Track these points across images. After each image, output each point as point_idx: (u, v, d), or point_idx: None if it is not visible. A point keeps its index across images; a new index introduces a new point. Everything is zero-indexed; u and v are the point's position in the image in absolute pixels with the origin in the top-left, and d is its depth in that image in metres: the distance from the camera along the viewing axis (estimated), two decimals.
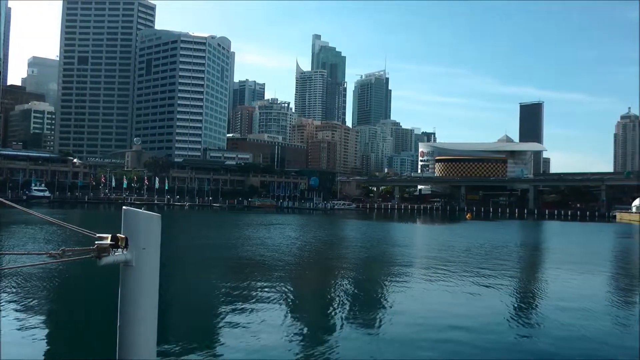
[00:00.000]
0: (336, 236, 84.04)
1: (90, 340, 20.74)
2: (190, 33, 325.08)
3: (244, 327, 22.65)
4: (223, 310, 26.31)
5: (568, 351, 20.72)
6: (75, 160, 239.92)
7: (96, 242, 3.78)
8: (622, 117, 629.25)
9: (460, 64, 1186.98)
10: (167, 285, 30.84)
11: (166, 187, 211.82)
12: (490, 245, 69.12)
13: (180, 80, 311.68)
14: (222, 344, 20.62)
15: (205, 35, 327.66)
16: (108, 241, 3.79)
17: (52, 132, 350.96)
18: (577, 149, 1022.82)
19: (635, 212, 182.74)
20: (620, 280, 44.00)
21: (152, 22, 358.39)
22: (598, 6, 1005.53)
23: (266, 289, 31.83)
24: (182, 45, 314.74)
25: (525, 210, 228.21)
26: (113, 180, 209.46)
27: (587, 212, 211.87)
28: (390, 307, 28.22)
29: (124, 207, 4.09)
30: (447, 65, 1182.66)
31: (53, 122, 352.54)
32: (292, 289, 34.01)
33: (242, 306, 26.92)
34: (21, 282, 30.12)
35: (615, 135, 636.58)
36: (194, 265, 43.78)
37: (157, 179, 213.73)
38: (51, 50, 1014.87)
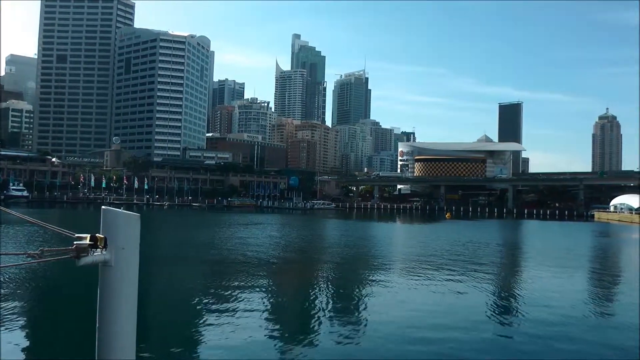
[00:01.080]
0: (316, 236, 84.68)
1: (69, 340, 20.93)
2: (170, 32, 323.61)
3: (224, 326, 23.06)
4: (203, 310, 26.78)
5: (547, 349, 21.29)
6: (53, 159, 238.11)
7: (75, 242, 3.73)
8: (600, 118, 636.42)
9: (440, 64, 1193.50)
10: (147, 285, 31.19)
11: (145, 187, 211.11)
12: (470, 244, 70.01)
13: (159, 79, 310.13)
14: (202, 343, 20.98)
15: (185, 34, 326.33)
16: (87, 241, 3.73)
17: (31, 131, 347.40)
18: (556, 149, 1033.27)
19: (613, 212, 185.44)
20: (600, 278, 45.04)
21: (132, 20, 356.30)
22: (576, 7, 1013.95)
23: (246, 289, 32.37)
24: (161, 44, 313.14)
25: (504, 210, 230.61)
26: (92, 179, 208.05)
27: (566, 212, 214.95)
28: (371, 307, 28.70)
29: (102, 206, 4.06)
30: (426, 65, 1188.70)
31: (31, 120, 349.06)
32: (272, 288, 34.58)
33: (222, 306, 27.47)
34: None
35: (594, 136, 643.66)
36: (174, 265, 44.09)
37: (136, 178, 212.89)
38: (29, 48, 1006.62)
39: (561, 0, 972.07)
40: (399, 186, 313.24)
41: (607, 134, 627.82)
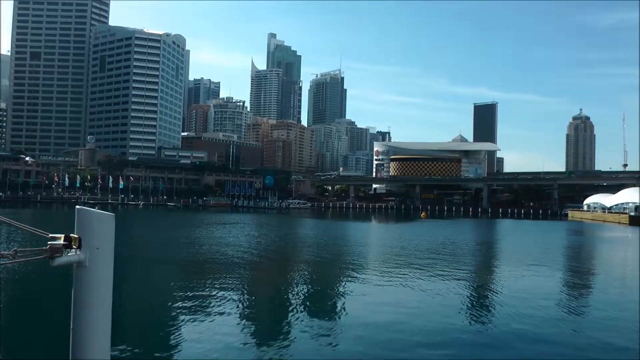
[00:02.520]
0: (291, 235, 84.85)
1: (44, 341, 20.89)
2: (145, 30, 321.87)
3: (200, 326, 23.30)
4: (179, 310, 26.96)
5: (529, 348, 21.62)
6: (27, 158, 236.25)
7: (49, 243, 3.69)
8: (574, 118, 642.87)
9: (414, 64, 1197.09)
10: (122, 285, 31.33)
11: (120, 186, 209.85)
12: (445, 243, 70.72)
13: (134, 78, 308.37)
14: (178, 344, 21.14)
15: (160, 32, 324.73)
16: (61, 241, 3.70)
17: (4, 130, 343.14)
18: (530, 148, 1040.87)
19: (587, 210, 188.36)
20: (574, 276, 45.96)
21: (107, 18, 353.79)
22: (549, 9, 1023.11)
23: (222, 289, 32.69)
24: (136, 42, 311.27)
25: (479, 209, 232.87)
26: (66, 179, 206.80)
27: (540, 211, 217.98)
28: (346, 306, 29.06)
29: (77, 206, 3.98)
30: (401, 65, 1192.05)
31: (4, 119, 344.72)
32: (247, 289, 34.93)
33: (198, 306, 27.65)
34: None
35: (568, 136, 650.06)
36: (149, 265, 44.25)
37: (111, 177, 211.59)
38: (2, 45, 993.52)
39: (534, 0, 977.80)
40: (374, 185, 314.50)
41: (580, 135, 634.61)
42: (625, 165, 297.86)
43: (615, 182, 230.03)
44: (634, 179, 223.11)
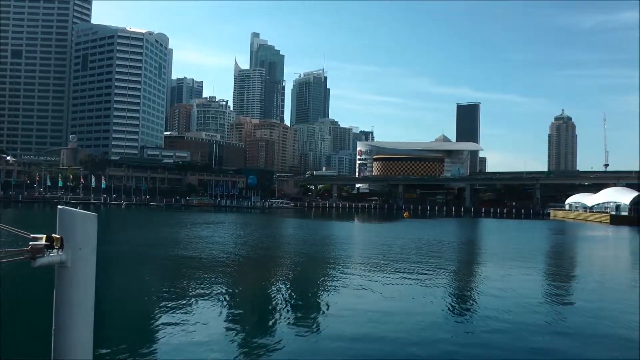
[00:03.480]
0: (274, 235, 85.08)
1: (26, 342, 20.83)
2: (128, 28, 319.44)
3: (182, 327, 23.36)
4: (161, 310, 27.02)
5: (507, 343, 22.01)
6: (8, 157, 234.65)
7: (30, 243, 3.67)
8: (556, 119, 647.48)
9: (398, 64, 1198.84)
10: (104, 286, 31.37)
11: (103, 186, 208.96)
12: (428, 243, 71.23)
13: (117, 77, 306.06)
14: (161, 343, 21.27)
15: (143, 30, 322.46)
16: (43, 242, 3.68)
17: None
18: (513, 148, 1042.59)
19: (568, 210, 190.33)
20: (555, 275, 46.53)
21: (89, 16, 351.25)
22: (530, 10, 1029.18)
23: (205, 289, 32.87)
24: (119, 40, 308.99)
25: (462, 209, 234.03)
26: (48, 178, 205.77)
27: (522, 210, 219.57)
28: (329, 305, 29.23)
29: (59, 206, 3.97)
30: (384, 65, 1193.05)
31: None
32: (230, 288, 35.01)
33: (181, 305, 27.79)
34: None
35: (550, 136, 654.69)
36: (132, 265, 44.40)
37: (93, 177, 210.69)
38: None
39: (517, 1, 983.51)
40: (357, 185, 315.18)
41: (562, 135, 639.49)
42: (607, 165, 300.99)
43: (595, 181, 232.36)
44: (614, 178, 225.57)
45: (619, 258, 66.84)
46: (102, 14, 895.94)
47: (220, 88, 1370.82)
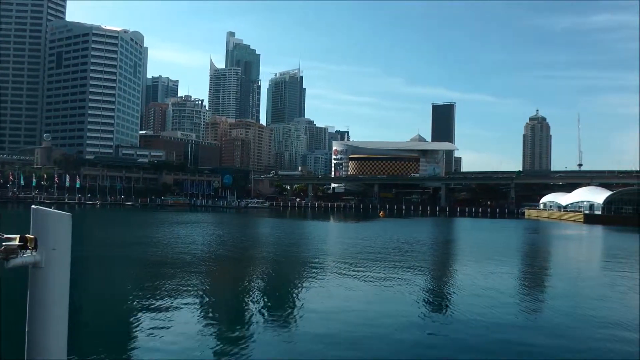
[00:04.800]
0: (250, 235, 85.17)
1: None
2: (103, 26, 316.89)
3: (158, 326, 23.48)
4: (137, 310, 27.08)
5: (487, 339, 22.30)
6: None
7: (3, 244, 3.64)
8: (531, 119, 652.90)
9: (373, 64, 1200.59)
10: (79, 286, 31.33)
11: (77, 185, 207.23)
12: (403, 242, 71.70)
13: (91, 75, 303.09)
14: (136, 344, 21.32)
15: (118, 29, 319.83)
16: (16, 242, 3.64)
17: None
18: (488, 148, 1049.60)
19: (543, 209, 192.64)
20: (530, 273, 47.23)
21: (63, 13, 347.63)
22: (503, 11, 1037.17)
23: (180, 289, 32.83)
24: (93, 38, 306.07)
25: (437, 208, 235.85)
26: (22, 178, 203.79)
27: (497, 209, 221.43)
28: (305, 305, 29.41)
29: (33, 206, 3.95)
30: (360, 65, 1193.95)
31: None
32: (206, 288, 35.10)
33: (157, 306, 27.83)
34: None
35: (524, 136, 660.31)
36: (107, 265, 44.31)
37: (67, 176, 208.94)
38: None
39: (490, 1, 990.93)
40: (333, 185, 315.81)
41: (537, 135, 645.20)
42: (580, 164, 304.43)
43: (567, 181, 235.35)
44: (587, 178, 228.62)
45: (592, 256, 67.89)
46: (77, 12, 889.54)
47: (195, 87, 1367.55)
